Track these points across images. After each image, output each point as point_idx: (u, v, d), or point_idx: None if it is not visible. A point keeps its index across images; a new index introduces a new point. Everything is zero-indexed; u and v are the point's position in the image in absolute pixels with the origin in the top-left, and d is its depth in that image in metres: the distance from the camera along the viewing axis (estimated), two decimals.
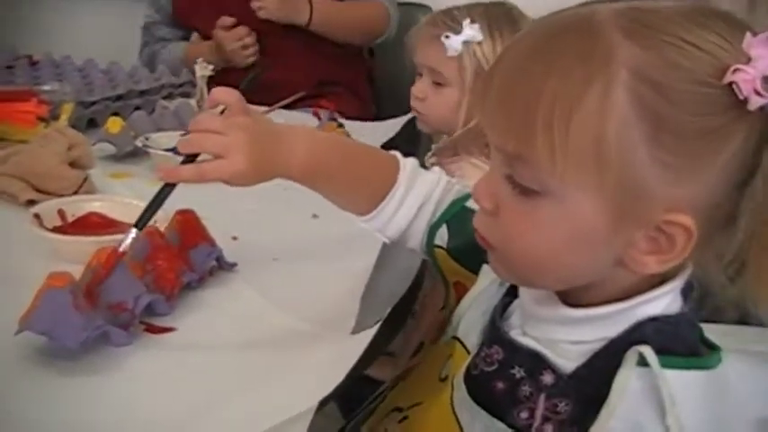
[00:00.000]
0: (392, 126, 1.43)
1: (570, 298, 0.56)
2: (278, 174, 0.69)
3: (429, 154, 1.34)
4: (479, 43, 1.14)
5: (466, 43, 1.14)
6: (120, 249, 0.67)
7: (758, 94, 0.47)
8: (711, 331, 0.57)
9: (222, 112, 0.69)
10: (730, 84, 0.47)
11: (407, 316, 0.83)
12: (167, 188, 0.67)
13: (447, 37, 1.13)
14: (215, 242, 0.79)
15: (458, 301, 0.76)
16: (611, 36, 0.49)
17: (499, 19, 1.17)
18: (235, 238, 0.87)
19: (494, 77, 0.53)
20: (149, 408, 0.59)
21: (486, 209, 0.56)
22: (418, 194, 0.74)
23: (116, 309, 0.67)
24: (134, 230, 0.68)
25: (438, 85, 1.19)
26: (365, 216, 0.74)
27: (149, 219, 0.68)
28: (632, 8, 0.50)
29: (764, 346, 0.76)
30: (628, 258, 0.52)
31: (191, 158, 0.67)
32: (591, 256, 0.53)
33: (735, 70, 0.47)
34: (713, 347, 0.55)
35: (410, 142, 1.44)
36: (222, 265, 0.80)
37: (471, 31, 1.13)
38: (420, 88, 1.21)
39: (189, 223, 0.78)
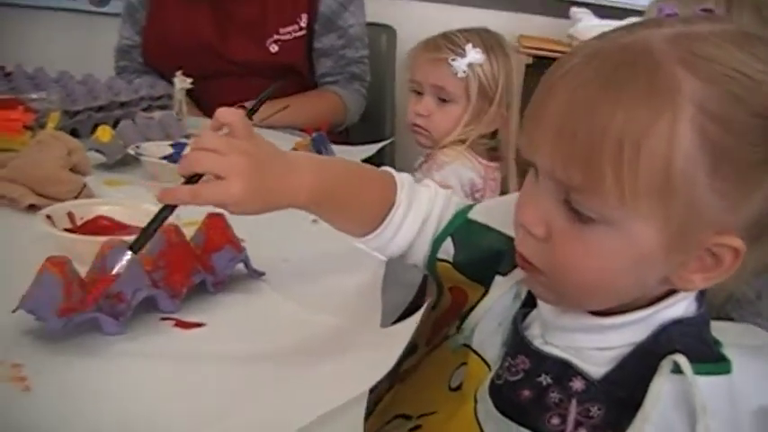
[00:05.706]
0: (367, 149, 1.42)
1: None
2: (285, 204, 0.67)
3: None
4: (481, 65, 1.31)
5: (470, 65, 1.30)
6: (114, 272, 0.64)
7: None
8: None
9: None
10: None
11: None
12: (166, 210, 0.64)
13: (454, 60, 1.29)
14: (242, 248, 0.79)
15: (455, 304, 0.77)
16: (672, 69, 0.50)
17: (490, 41, 1.34)
18: (242, 241, 0.87)
19: (548, 107, 0.53)
20: (179, 401, 0.59)
21: (538, 236, 0.55)
22: (419, 212, 0.74)
23: (114, 299, 0.67)
24: (129, 253, 0.64)
25: (443, 101, 1.34)
26: (364, 237, 0.73)
27: (146, 241, 0.64)
28: (682, 35, 0.52)
29: (749, 340, 0.80)
30: (675, 277, 0.54)
31: (192, 180, 0.64)
32: (642, 277, 0.54)
33: None
34: (716, 342, 0.58)
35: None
36: (250, 272, 0.79)
37: (475, 54, 1.30)
38: (425, 106, 1.36)
39: (216, 227, 0.78)
